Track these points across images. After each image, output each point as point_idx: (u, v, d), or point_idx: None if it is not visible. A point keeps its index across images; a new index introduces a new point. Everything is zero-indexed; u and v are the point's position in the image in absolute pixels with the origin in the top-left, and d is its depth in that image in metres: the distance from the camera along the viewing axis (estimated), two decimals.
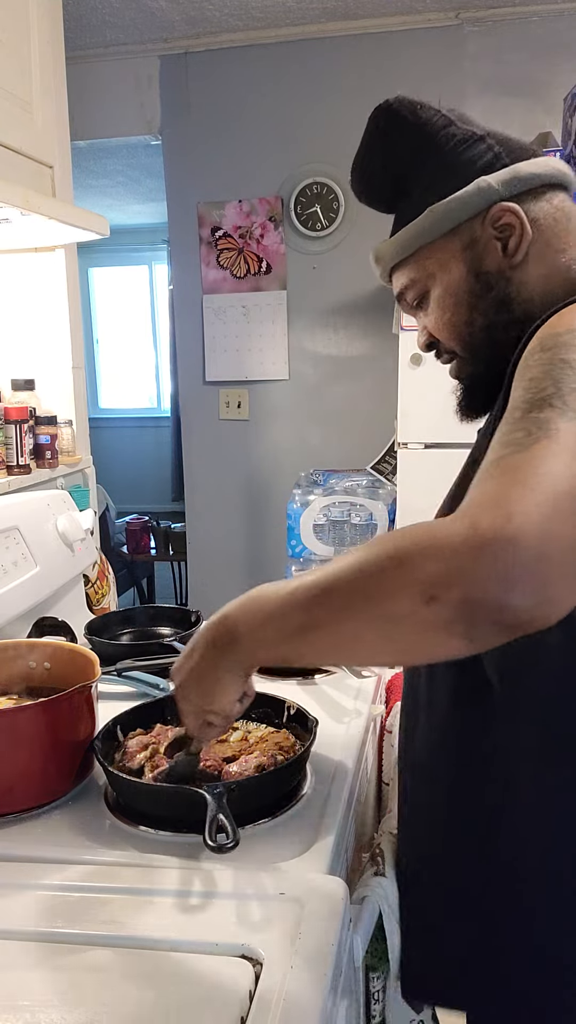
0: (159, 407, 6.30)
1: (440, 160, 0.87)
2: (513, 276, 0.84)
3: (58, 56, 1.86)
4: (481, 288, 0.85)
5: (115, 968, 0.68)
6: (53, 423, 1.82)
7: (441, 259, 0.87)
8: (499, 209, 0.84)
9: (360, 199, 0.96)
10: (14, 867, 0.82)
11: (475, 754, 0.83)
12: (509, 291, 0.84)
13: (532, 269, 0.84)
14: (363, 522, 2.85)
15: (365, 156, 0.92)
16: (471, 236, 0.85)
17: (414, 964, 0.88)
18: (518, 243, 0.83)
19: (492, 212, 0.84)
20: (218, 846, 0.76)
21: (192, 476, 3.51)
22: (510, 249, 0.84)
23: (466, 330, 0.88)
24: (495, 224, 0.84)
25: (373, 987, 0.88)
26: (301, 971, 0.66)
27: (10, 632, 1.28)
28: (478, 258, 0.85)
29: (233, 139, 3.17)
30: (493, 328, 0.85)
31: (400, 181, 0.90)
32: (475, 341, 0.88)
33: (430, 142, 0.87)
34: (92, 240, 1.66)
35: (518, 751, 0.80)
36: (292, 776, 0.94)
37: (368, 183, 0.93)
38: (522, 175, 0.85)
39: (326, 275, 3.21)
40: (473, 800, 0.84)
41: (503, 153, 0.87)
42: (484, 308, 0.85)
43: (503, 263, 0.84)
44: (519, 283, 0.84)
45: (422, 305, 0.92)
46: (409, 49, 2.98)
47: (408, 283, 0.91)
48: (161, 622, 1.53)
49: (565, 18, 2.86)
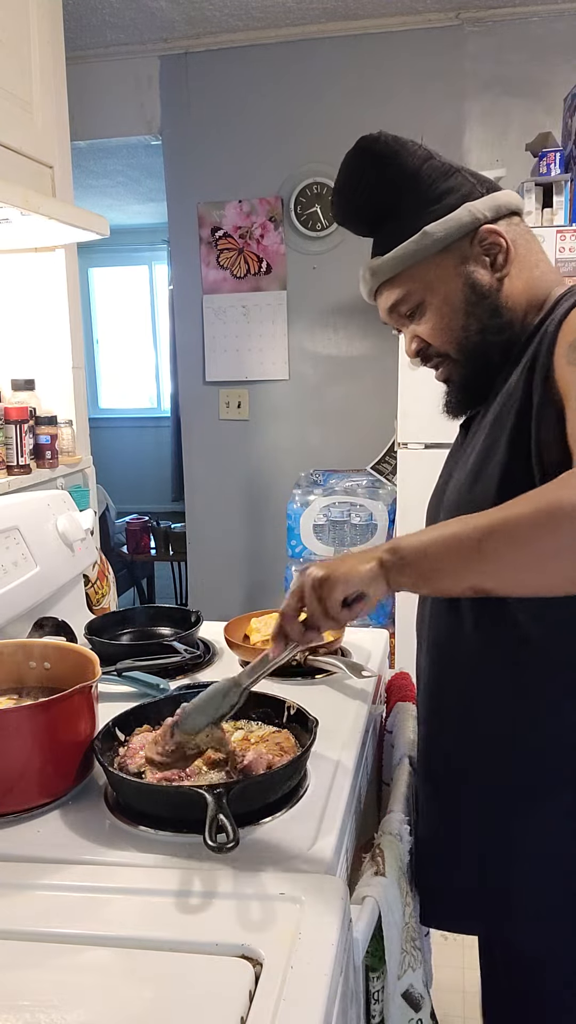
0: (159, 407, 6.30)
1: (428, 188, 0.99)
2: (502, 287, 0.98)
3: (58, 56, 1.86)
4: (477, 297, 0.98)
5: (115, 968, 0.68)
6: (53, 423, 1.82)
7: (438, 273, 0.99)
8: (486, 230, 0.97)
9: (342, 223, 1.07)
10: (14, 867, 0.82)
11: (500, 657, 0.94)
12: (499, 299, 0.98)
13: (515, 280, 0.98)
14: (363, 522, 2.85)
15: (353, 182, 1.02)
16: (462, 254, 0.98)
17: (428, 892, 0.99)
18: (505, 259, 0.98)
19: (480, 233, 0.97)
20: (218, 846, 0.76)
21: (192, 476, 3.51)
22: (498, 264, 0.98)
23: (462, 334, 1.00)
24: (482, 243, 0.98)
25: (373, 987, 0.88)
26: (301, 971, 0.66)
27: (10, 632, 1.28)
28: (471, 272, 0.98)
29: (233, 139, 3.17)
30: (487, 331, 0.98)
31: (385, 208, 1.01)
32: (470, 344, 0.99)
33: (416, 172, 0.99)
34: (92, 240, 1.66)
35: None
36: (292, 776, 0.94)
37: (355, 211, 1.05)
38: (500, 203, 0.99)
39: (326, 275, 3.21)
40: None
41: (477, 184, 1.00)
42: (479, 314, 0.98)
43: (491, 276, 0.98)
44: (506, 293, 0.98)
45: (415, 316, 1.03)
46: (409, 49, 2.98)
47: (403, 295, 1.02)
48: (161, 622, 1.53)
49: (565, 18, 2.87)
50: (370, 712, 1.20)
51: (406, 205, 1.00)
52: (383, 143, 0.99)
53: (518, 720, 0.93)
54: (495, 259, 0.98)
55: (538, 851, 0.93)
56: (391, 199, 1.00)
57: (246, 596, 3.49)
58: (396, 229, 1.00)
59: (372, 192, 1.01)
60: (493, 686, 0.94)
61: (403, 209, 1.00)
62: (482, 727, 0.96)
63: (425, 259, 0.99)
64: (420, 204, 0.99)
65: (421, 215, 0.98)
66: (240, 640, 1.38)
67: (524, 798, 0.93)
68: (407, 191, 0.99)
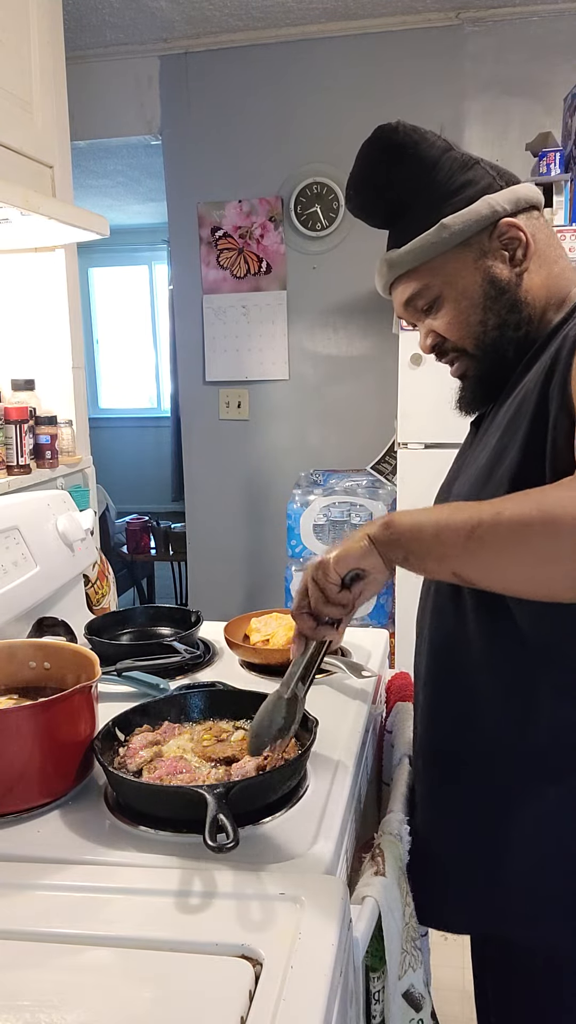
0: (159, 407, 6.30)
1: (446, 179, 0.97)
2: (521, 282, 0.96)
3: (58, 56, 1.86)
4: (496, 292, 0.96)
5: (115, 968, 0.68)
6: (53, 423, 1.82)
7: (456, 267, 0.98)
8: (505, 224, 0.96)
9: (357, 214, 1.05)
10: (14, 867, 0.82)
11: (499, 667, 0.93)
12: (519, 295, 0.96)
13: (534, 276, 0.97)
14: (363, 522, 2.85)
15: (367, 177, 1.01)
16: (481, 248, 0.96)
17: (422, 893, 0.97)
18: (524, 253, 0.96)
19: (499, 227, 0.96)
20: (218, 846, 0.76)
21: (192, 476, 3.51)
22: (517, 258, 0.96)
23: (480, 328, 0.98)
24: (501, 237, 0.96)
25: (373, 987, 0.88)
26: (301, 971, 0.66)
27: (10, 632, 1.28)
28: (490, 267, 0.96)
29: (233, 139, 3.17)
30: (505, 326, 0.97)
31: (403, 199, 0.99)
32: (488, 339, 0.98)
33: (435, 164, 0.97)
34: (92, 240, 1.66)
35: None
36: (292, 776, 0.94)
37: (371, 202, 1.03)
38: (520, 196, 0.97)
39: (326, 275, 3.21)
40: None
41: (497, 176, 0.98)
42: (498, 309, 0.97)
43: (511, 271, 0.96)
44: (525, 288, 0.96)
45: (431, 310, 1.01)
46: (409, 49, 2.98)
47: (420, 289, 1.00)
48: (161, 622, 1.53)
49: (565, 18, 2.87)
50: (370, 712, 1.20)
51: (424, 197, 0.98)
52: (401, 133, 0.97)
53: (516, 719, 0.92)
54: (514, 253, 0.96)
55: (535, 850, 0.92)
56: (408, 191, 0.99)
57: (246, 596, 3.49)
58: (413, 222, 0.98)
59: (389, 184, 1.00)
60: (492, 685, 0.94)
61: (421, 201, 0.98)
62: (480, 725, 0.96)
63: (443, 253, 0.97)
64: (438, 196, 0.97)
65: (439, 208, 0.97)
66: (240, 640, 1.38)
67: (522, 796, 0.93)
68: (425, 183, 0.98)
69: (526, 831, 0.93)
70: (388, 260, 1.02)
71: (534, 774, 0.92)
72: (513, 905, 0.95)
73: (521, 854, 0.93)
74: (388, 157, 0.98)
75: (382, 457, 3.05)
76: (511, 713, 0.93)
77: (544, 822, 0.92)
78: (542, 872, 0.92)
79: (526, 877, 0.93)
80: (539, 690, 0.91)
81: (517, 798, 0.93)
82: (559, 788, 0.91)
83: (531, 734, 0.92)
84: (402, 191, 0.99)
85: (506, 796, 0.94)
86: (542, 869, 0.92)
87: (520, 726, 0.92)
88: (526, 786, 0.93)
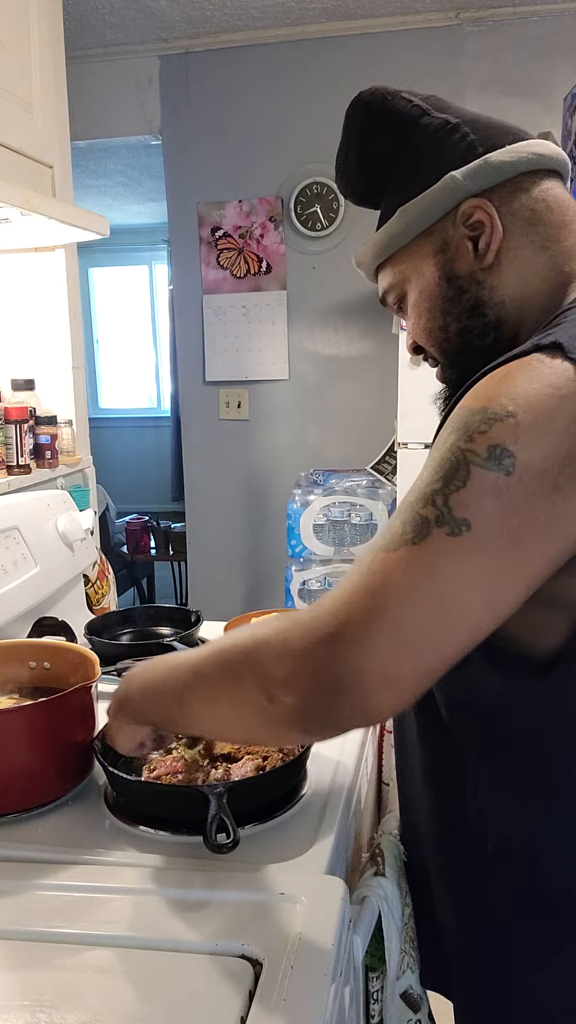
0: (159, 407, 6.30)
1: (415, 154, 0.81)
2: (485, 279, 0.78)
3: (58, 56, 1.86)
4: (454, 292, 0.79)
5: (115, 968, 0.68)
6: (53, 423, 1.82)
7: (415, 262, 0.82)
8: (468, 206, 0.77)
9: (347, 198, 0.92)
10: (14, 867, 0.82)
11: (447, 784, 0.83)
12: (481, 295, 0.78)
13: (507, 269, 0.77)
14: (363, 522, 2.85)
15: (342, 154, 0.88)
16: (443, 237, 0.80)
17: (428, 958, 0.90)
18: (488, 242, 0.77)
19: (462, 209, 0.77)
20: (218, 846, 0.76)
21: (192, 476, 3.51)
22: (480, 249, 0.77)
23: (441, 335, 0.82)
24: (466, 222, 0.78)
25: (372, 987, 0.88)
26: (301, 971, 0.66)
27: (10, 632, 1.28)
28: (450, 260, 0.79)
29: (233, 139, 3.17)
30: (467, 334, 0.80)
31: (379, 179, 0.85)
32: (451, 347, 0.82)
33: (405, 135, 0.81)
34: (92, 240, 1.65)
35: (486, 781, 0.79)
36: (292, 776, 0.94)
37: (348, 182, 0.89)
38: (493, 165, 0.77)
39: (326, 275, 3.21)
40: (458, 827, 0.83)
41: (477, 142, 0.78)
42: (457, 313, 0.80)
43: (474, 264, 0.78)
44: (491, 286, 0.78)
45: (403, 308, 0.88)
46: (409, 49, 2.98)
47: (387, 287, 0.87)
48: (161, 622, 1.53)
49: (565, 18, 2.87)
50: None
51: (394, 176, 0.83)
52: (367, 103, 0.83)
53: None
54: (477, 242, 0.77)
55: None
56: (379, 167, 0.84)
57: (246, 596, 3.49)
58: (385, 208, 0.84)
59: (360, 164, 0.86)
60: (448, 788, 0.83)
61: (392, 182, 0.83)
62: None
63: (406, 244, 0.82)
64: (406, 176, 0.81)
65: (404, 190, 0.81)
66: None
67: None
68: (394, 160, 0.82)
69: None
70: (356, 256, 0.90)
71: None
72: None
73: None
74: (357, 132, 0.85)
75: (382, 457, 3.05)
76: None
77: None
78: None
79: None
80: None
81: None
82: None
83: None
84: (376, 171, 0.85)
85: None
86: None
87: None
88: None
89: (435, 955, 0.90)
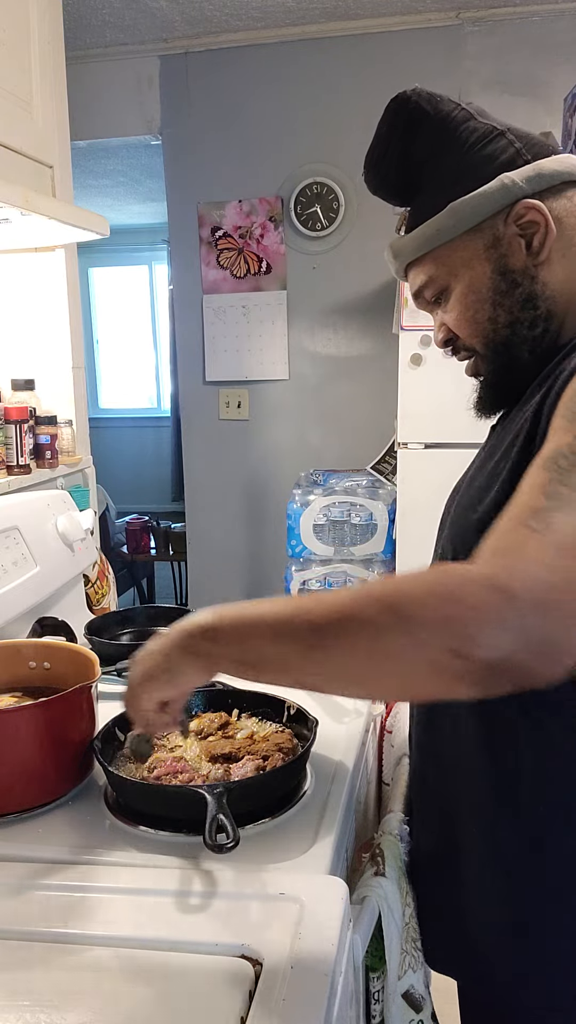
0: (159, 407, 6.30)
1: (461, 156, 0.86)
2: (538, 274, 0.84)
3: (58, 56, 1.86)
4: (507, 286, 0.85)
5: (115, 968, 0.68)
6: (53, 423, 1.82)
7: (464, 256, 0.87)
8: (523, 206, 0.83)
9: (375, 193, 0.94)
10: (14, 867, 0.82)
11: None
12: (534, 288, 0.84)
13: (556, 266, 0.84)
14: (363, 522, 2.85)
15: (382, 149, 0.91)
16: (494, 234, 0.85)
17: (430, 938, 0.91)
18: (543, 241, 0.83)
19: (516, 209, 0.84)
20: (218, 846, 0.76)
21: (192, 476, 3.51)
22: (534, 247, 0.84)
23: (489, 327, 0.87)
24: (518, 221, 0.84)
25: (373, 987, 0.88)
26: (301, 971, 0.66)
27: (10, 632, 1.28)
28: (503, 256, 0.85)
29: (233, 139, 3.17)
30: (517, 325, 0.85)
31: (418, 176, 0.89)
32: (498, 338, 0.87)
33: (451, 137, 0.86)
34: (92, 240, 1.65)
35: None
36: (292, 776, 0.94)
37: (384, 177, 0.92)
38: (545, 172, 0.84)
39: (326, 275, 3.21)
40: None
41: (523, 149, 0.85)
42: (509, 305, 0.85)
43: (527, 261, 0.84)
44: (543, 281, 0.84)
45: (441, 302, 0.91)
46: (409, 49, 2.98)
47: (428, 280, 0.90)
48: (161, 622, 1.52)
49: (565, 18, 2.87)
50: (370, 712, 1.19)
51: (437, 176, 0.87)
52: (414, 103, 0.87)
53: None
54: (531, 240, 0.84)
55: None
56: (422, 168, 0.88)
57: (246, 596, 3.49)
58: (425, 203, 0.88)
59: (403, 160, 0.89)
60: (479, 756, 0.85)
61: (433, 180, 0.87)
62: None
63: (451, 240, 0.86)
64: (451, 175, 0.86)
65: (451, 188, 0.85)
66: None
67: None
68: (438, 160, 0.87)
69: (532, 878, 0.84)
70: (393, 247, 0.92)
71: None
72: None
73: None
74: (401, 130, 0.88)
75: (382, 457, 3.05)
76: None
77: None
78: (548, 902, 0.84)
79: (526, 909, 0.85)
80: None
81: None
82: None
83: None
84: (415, 168, 0.89)
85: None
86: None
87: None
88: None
89: (442, 933, 0.91)
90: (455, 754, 0.88)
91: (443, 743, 0.91)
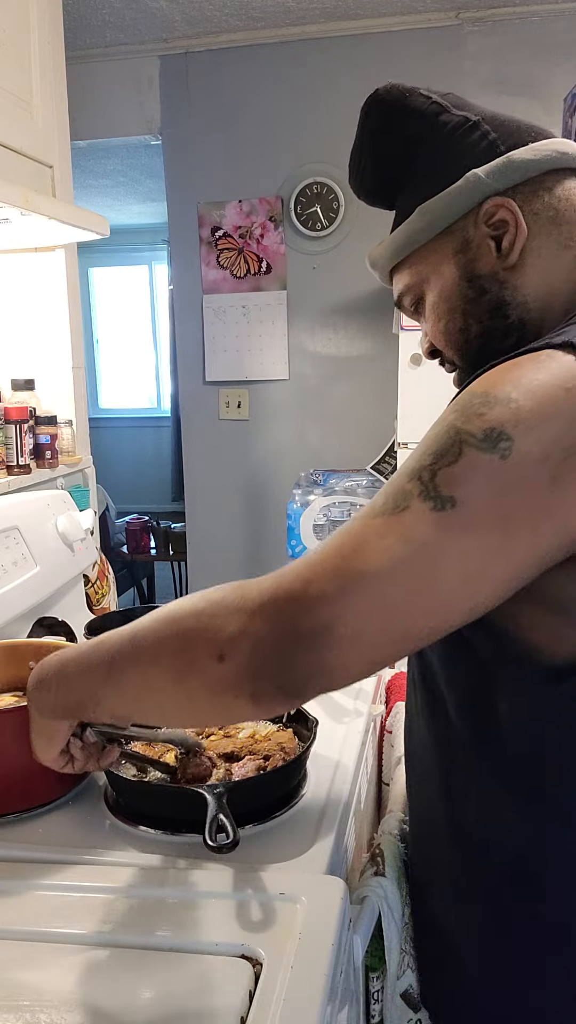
0: (159, 407, 6.30)
1: (432, 153, 0.79)
2: (508, 279, 0.76)
3: (58, 56, 1.86)
4: (475, 293, 0.77)
5: (115, 968, 0.68)
6: (53, 423, 1.82)
7: (434, 262, 0.80)
8: (491, 204, 0.76)
9: (360, 197, 0.90)
10: (14, 867, 0.82)
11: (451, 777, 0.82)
12: (503, 295, 0.76)
13: (530, 269, 0.76)
14: None
15: (356, 152, 0.86)
16: (464, 236, 0.78)
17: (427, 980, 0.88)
18: (512, 241, 0.75)
19: (484, 208, 0.76)
20: (218, 846, 0.76)
21: (192, 476, 3.51)
22: (503, 248, 0.76)
23: (461, 338, 0.80)
24: (488, 221, 0.76)
25: (373, 987, 0.88)
26: (301, 971, 0.66)
27: (10, 632, 1.28)
28: (471, 260, 0.78)
29: (233, 139, 3.17)
30: (489, 336, 0.78)
31: (395, 177, 0.83)
32: (471, 349, 0.80)
33: (423, 133, 0.80)
34: (92, 240, 1.65)
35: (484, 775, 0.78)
36: (292, 776, 0.94)
37: (362, 181, 0.87)
38: (516, 163, 0.75)
39: (326, 275, 3.21)
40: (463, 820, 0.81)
41: (498, 140, 0.77)
42: (479, 314, 0.78)
43: (496, 264, 0.76)
44: (514, 286, 0.76)
45: (419, 310, 0.86)
46: (409, 49, 2.98)
47: (404, 288, 0.85)
48: None
49: (565, 18, 2.87)
50: (370, 712, 1.20)
51: (412, 176, 0.81)
52: (384, 101, 0.82)
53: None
54: (500, 241, 0.76)
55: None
56: (396, 165, 0.82)
57: None
58: (403, 206, 0.82)
59: (374, 163, 0.84)
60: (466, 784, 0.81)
61: (410, 182, 0.81)
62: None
63: (424, 244, 0.80)
64: (425, 174, 0.79)
65: (425, 188, 0.79)
66: None
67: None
68: (412, 159, 0.81)
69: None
70: (370, 256, 0.87)
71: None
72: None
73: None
74: (371, 130, 0.83)
75: (382, 457, 3.05)
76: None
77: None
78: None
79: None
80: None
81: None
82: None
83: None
84: (390, 169, 0.83)
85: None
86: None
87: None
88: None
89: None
90: (424, 767, 0.87)
91: (413, 752, 0.91)
